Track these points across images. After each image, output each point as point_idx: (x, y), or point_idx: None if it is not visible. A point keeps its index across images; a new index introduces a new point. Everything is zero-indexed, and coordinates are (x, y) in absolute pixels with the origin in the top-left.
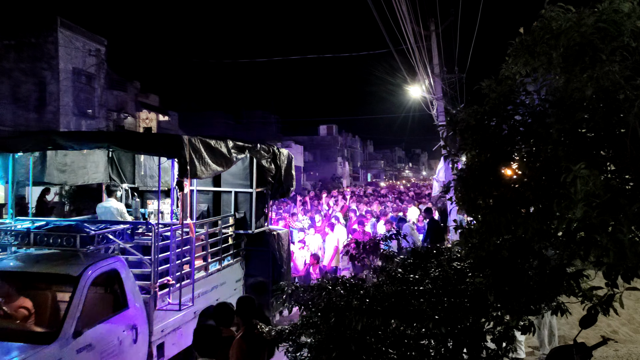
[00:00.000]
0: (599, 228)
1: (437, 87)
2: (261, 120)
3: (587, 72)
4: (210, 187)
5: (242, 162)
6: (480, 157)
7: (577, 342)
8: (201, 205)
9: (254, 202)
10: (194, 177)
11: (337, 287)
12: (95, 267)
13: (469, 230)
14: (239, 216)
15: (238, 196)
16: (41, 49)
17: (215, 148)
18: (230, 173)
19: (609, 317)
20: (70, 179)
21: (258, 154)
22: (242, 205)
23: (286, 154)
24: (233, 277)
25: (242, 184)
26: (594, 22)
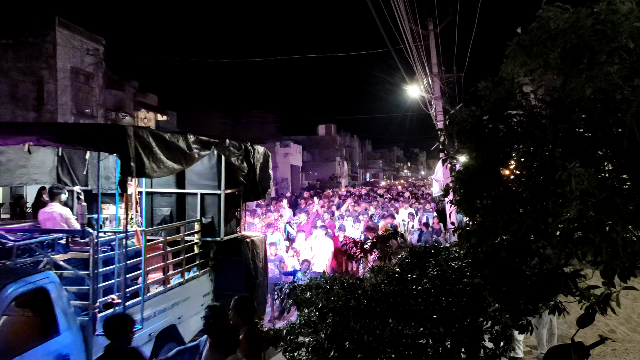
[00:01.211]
0: (594, 227)
1: (436, 87)
2: (260, 119)
3: (585, 73)
4: (173, 189)
5: (209, 160)
6: (478, 158)
7: (574, 341)
8: (163, 210)
9: (222, 205)
10: (142, 175)
11: (335, 286)
12: (16, 286)
13: (467, 230)
14: (205, 221)
15: (205, 199)
16: (39, 48)
17: (171, 142)
18: (196, 172)
19: (607, 316)
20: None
21: (227, 151)
22: (210, 208)
23: (262, 152)
24: (200, 291)
25: (210, 184)
26: (591, 24)
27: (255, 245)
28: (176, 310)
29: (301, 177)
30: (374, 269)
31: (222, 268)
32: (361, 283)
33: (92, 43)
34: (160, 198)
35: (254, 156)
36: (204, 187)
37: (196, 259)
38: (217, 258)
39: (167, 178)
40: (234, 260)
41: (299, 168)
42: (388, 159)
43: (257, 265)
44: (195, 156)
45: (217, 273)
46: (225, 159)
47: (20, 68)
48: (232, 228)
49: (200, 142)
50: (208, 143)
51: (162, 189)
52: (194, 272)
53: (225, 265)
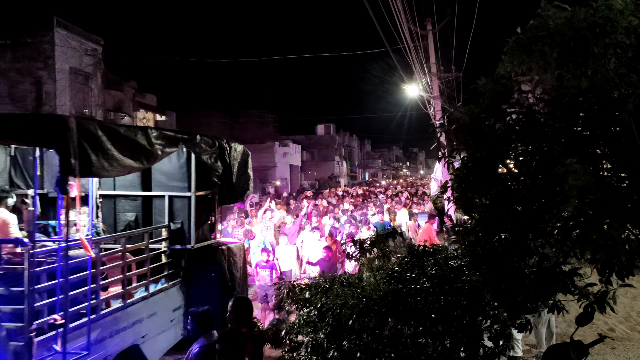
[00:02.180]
0: (592, 225)
1: (434, 86)
2: (259, 119)
3: (581, 67)
4: (138, 191)
5: (178, 158)
6: (476, 155)
7: (573, 340)
8: (127, 215)
9: (193, 208)
10: (89, 175)
11: (334, 285)
12: None
13: (466, 228)
14: (174, 227)
15: (174, 202)
16: (37, 48)
17: (128, 137)
18: (164, 173)
19: (606, 315)
20: None
21: (197, 148)
22: (179, 213)
23: (240, 150)
24: (168, 305)
25: (179, 186)
26: (584, 16)
27: (232, 253)
28: (139, 329)
29: (300, 177)
30: (372, 268)
31: (195, 279)
32: (360, 282)
33: (90, 43)
34: (124, 202)
35: (230, 154)
36: (172, 188)
37: (164, 269)
38: (188, 268)
39: (132, 179)
40: (207, 270)
41: (298, 168)
42: (387, 159)
43: (234, 275)
44: (158, 153)
45: (189, 284)
46: (196, 157)
47: (19, 68)
48: (206, 234)
49: (164, 137)
50: (174, 139)
51: (127, 191)
52: (161, 284)
53: (199, 276)
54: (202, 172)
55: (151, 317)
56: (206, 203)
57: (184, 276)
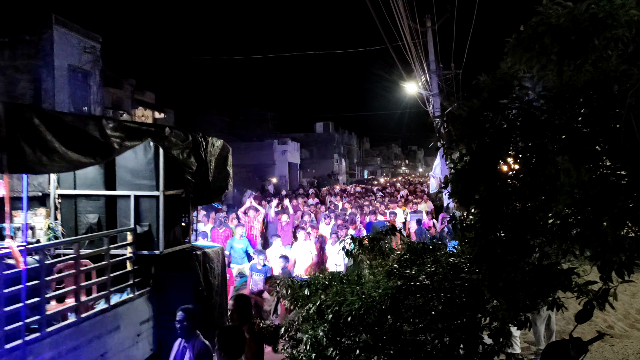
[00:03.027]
0: (589, 222)
1: (433, 84)
2: (257, 117)
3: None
4: (101, 191)
5: (145, 153)
6: (476, 152)
7: (573, 337)
8: (89, 217)
9: (161, 209)
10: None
11: (333, 282)
12: None
13: (465, 225)
14: (141, 230)
15: (141, 202)
16: (36, 46)
17: (75, 128)
18: (129, 170)
19: (605, 312)
20: None
21: (166, 142)
22: (147, 214)
23: (218, 145)
24: (135, 318)
25: (146, 184)
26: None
27: (209, 258)
28: (97, 346)
29: (299, 175)
30: (372, 265)
31: (167, 287)
32: (359, 279)
33: (89, 41)
34: (86, 202)
35: (206, 150)
36: (139, 187)
37: (129, 277)
38: (159, 275)
39: (94, 177)
40: (180, 278)
41: (297, 165)
42: (386, 157)
43: (210, 283)
44: (115, 147)
45: (160, 294)
46: (165, 152)
47: (17, 66)
48: (178, 238)
49: (124, 129)
50: (138, 131)
51: (88, 190)
52: (127, 293)
53: (171, 284)
54: (174, 169)
55: (113, 332)
56: (178, 203)
57: (154, 285)
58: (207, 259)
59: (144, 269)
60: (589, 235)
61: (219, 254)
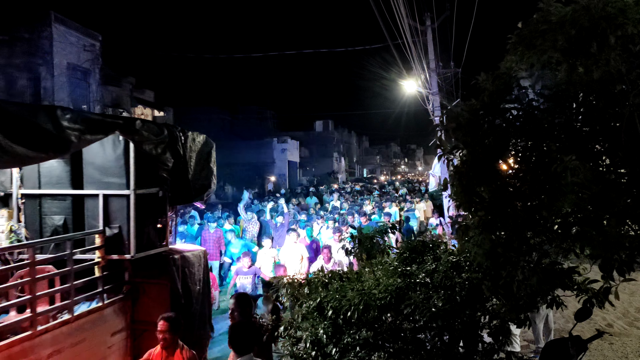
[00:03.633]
0: (591, 221)
1: (433, 82)
2: (257, 115)
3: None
4: (67, 190)
5: (114, 148)
6: (476, 152)
7: (572, 335)
8: (54, 219)
9: (132, 210)
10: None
11: (333, 280)
12: None
13: (465, 225)
14: (110, 233)
15: (110, 202)
16: (35, 44)
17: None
18: (98, 167)
19: (604, 310)
20: None
21: (137, 136)
22: (117, 215)
23: (200, 140)
24: (104, 329)
25: (116, 182)
26: (602, 6)
27: (188, 262)
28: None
29: (299, 173)
30: (372, 263)
31: (142, 295)
32: (359, 277)
33: (88, 39)
34: (51, 202)
35: (185, 145)
36: (108, 186)
37: (98, 285)
38: (133, 282)
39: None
40: (156, 284)
41: (297, 164)
42: (385, 155)
43: (190, 289)
44: (73, 140)
45: (134, 302)
46: (135, 146)
47: (17, 64)
48: (153, 241)
49: (84, 121)
50: (102, 124)
51: (53, 189)
52: (96, 302)
53: (146, 292)
54: (147, 166)
55: (77, 345)
56: (153, 203)
57: (128, 292)
58: (187, 264)
59: (116, 275)
60: (593, 234)
61: (200, 258)
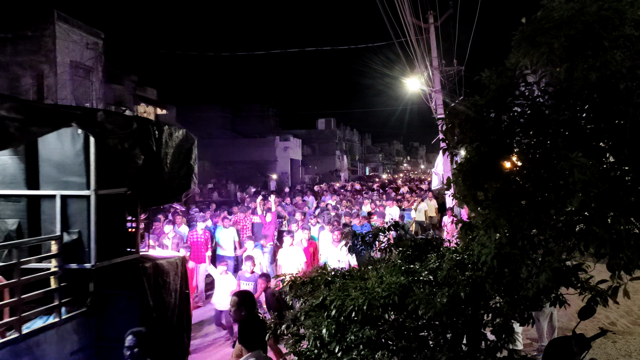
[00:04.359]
0: (596, 219)
1: (436, 80)
2: (260, 113)
3: (590, 60)
4: (21, 190)
5: (73, 143)
6: (480, 149)
7: (575, 334)
8: (8, 223)
9: (92, 212)
10: None
11: (337, 278)
12: None
13: (469, 223)
14: (69, 238)
15: (69, 204)
16: (38, 42)
17: None
18: (55, 164)
19: (608, 309)
20: None
21: (98, 129)
22: (76, 219)
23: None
24: (62, 348)
25: (76, 182)
26: (596, 10)
27: (162, 271)
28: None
29: (301, 171)
30: (375, 261)
31: (109, 308)
32: (363, 275)
33: (91, 37)
34: (4, 204)
35: (159, 140)
36: (66, 185)
37: (54, 298)
38: (100, 293)
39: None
40: (124, 296)
41: (299, 162)
42: (388, 153)
43: (164, 301)
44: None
45: (99, 316)
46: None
47: (20, 62)
48: (120, 247)
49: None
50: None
51: (7, 189)
52: (53, 317)
53: (113, 304)
54: (113, 164)
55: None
56: (119, 205)
57: (91, 305)
58: (160, 272)
59: (76, 287)
60: (599, 232)
61: (177, 266)
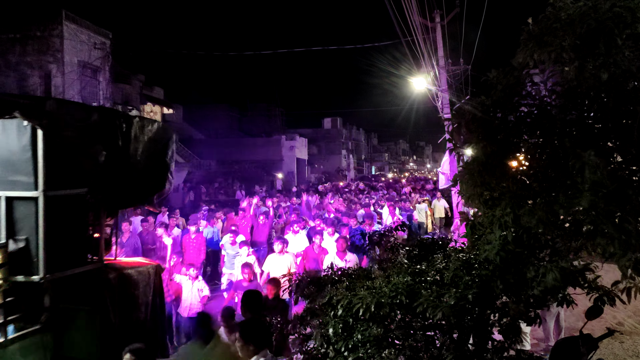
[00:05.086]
0: (605, 218)
1: (442, 79)
2: (266, 113)
3: (601, 58)
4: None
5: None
6: (486, 149)
7: (583, 334)
8: None
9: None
10: None
11: (344, 278)
12: None
13: (475, 222)
14: (14, 247)
15: (15, 207)
16: (46, 42)
17: None
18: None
19: (615, 309)
20: None
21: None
22: (24, 224)
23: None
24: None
25: (23, 182)
26: (609, 7)
27: (129, 283)
28: None
29: (307, 171)
30: (382, 261)
31: (67, 325)
32: (370, 274)
33: (99, 37)
34: None
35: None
36: (13, 185)
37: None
38: (57, 309)
39: None
40: (85, 312)
41: (305, 161)
42: (394, 152)
43: (130, 317)
44: None
45: (57, 334)
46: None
47: (28, 62)
48: (78, 256)
49: None
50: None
51: None
52: None
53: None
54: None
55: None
56: (77, 208)
57: (46, 322)
58: (127, 284)
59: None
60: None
61: (149, 276)
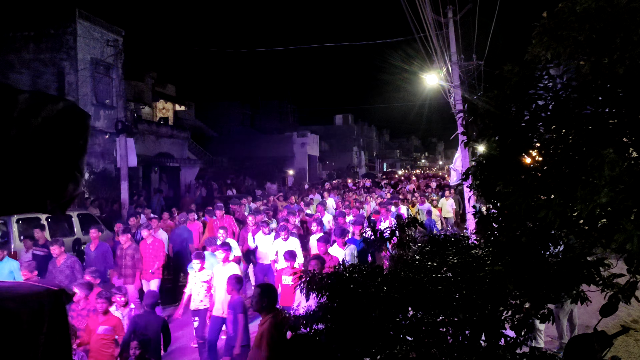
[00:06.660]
0: (623, 214)
1: (455, 75)
2: (278, 109)
3: (617, 53)
4: None
5: None
6: (501, 142)
7: (597, 331)
8: None
9: None
10: None
11: (354, 274)
12: None
13: (488, 217)
14: None
15: None
16: (60, 39)
17: None
18: None
19: (630, 306)
20: None
21: None
22: None
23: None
24: None
25: None
26: (627, 2)
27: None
28: None
29: (318, 167)
30: (393, 257)
31: None
32: (380, 271)
33: (112, 34)
34: None
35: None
36: None
37: None
38: None
39: None
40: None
41: (316, 158)
42: (405, 149)
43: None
44: None
45: None
46: None
47: (42, 60)
48: None
49: None
50: None
51: None
52: None
53: None
54: None
55: None
56: None
57: None
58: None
59: None
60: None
61: (41, 307)
